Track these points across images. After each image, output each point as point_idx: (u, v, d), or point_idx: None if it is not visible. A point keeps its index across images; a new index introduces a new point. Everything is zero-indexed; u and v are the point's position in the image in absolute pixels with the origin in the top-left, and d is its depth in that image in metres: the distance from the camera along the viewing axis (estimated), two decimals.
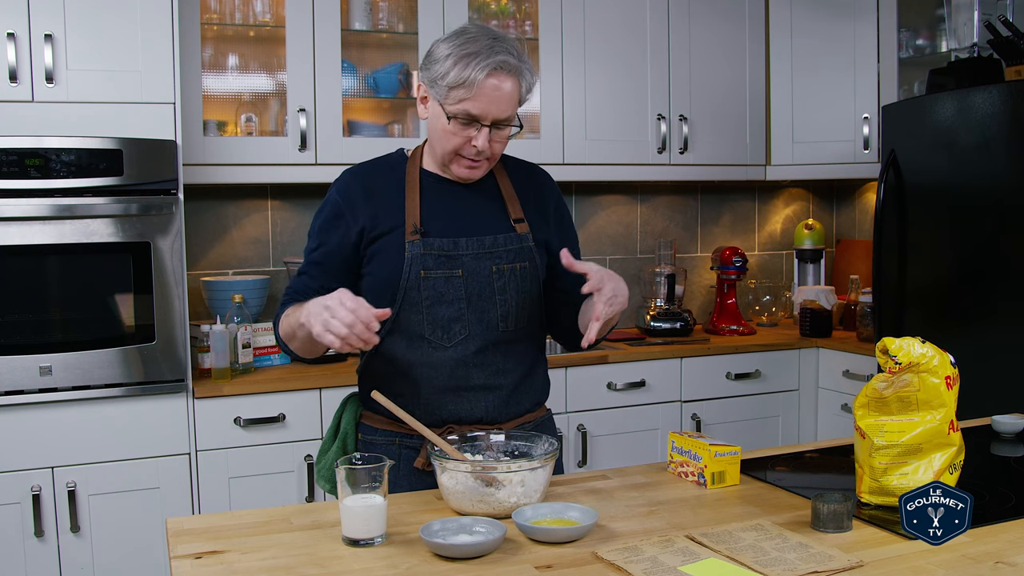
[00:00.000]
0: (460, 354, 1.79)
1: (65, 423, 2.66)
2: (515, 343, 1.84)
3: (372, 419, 1.88)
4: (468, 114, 1.71)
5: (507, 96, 1.72)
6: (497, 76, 1.69)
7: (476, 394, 1.80)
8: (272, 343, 3.14)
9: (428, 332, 1.78)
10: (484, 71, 1.68)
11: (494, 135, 1.75)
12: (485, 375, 1.81)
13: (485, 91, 1.69)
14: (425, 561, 1.35)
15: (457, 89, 1.69)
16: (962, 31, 3.37)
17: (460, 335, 1.79)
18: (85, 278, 2.68)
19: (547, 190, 1.95)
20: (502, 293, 1.80)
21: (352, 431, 1.90)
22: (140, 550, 2.74)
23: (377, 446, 1.84)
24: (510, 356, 1.83)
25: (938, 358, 1.54)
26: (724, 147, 3.81)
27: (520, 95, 1.75)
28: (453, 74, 1.69)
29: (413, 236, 1.77)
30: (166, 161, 2.73)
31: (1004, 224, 2.88)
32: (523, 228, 1.85)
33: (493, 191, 1.87)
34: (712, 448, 1.70)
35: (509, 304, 1.81)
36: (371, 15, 3.34)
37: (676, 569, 1.29)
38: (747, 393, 3.60)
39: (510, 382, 1.83)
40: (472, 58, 1.68)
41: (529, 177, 1.94)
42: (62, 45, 2.65)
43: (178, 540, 1.44)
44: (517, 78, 1.73)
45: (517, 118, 1.78)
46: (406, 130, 3.46)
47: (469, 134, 1.73)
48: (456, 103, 1.71)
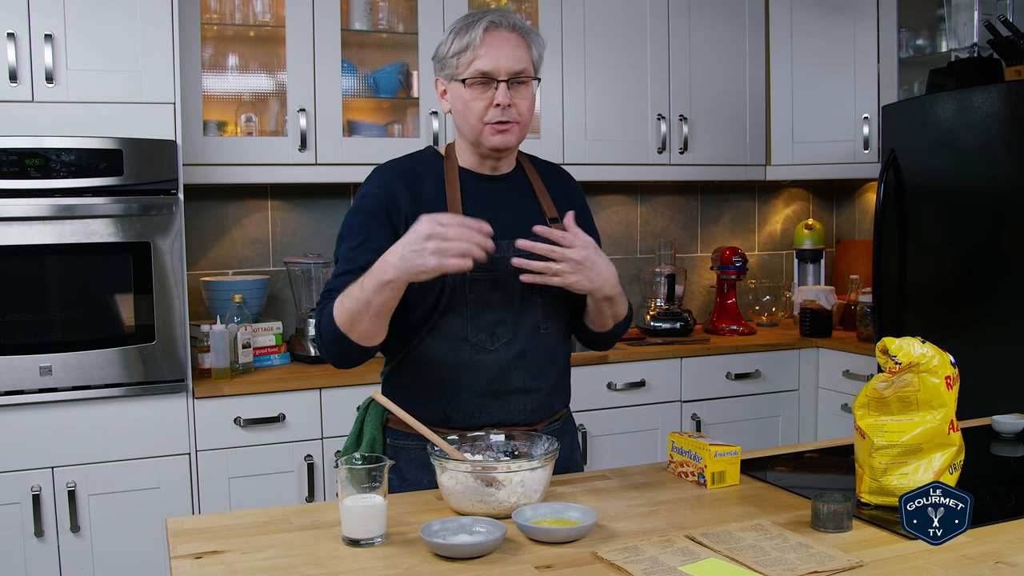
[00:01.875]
0: (503, 357, 1.76)
1: (65, 423, 2.66)
2: (553, 346, 1.83)
3: (401, 424, 1.80)
4: (480, 72, 1.72)
5: (512, 46, 1.73)
6: (496, 30, 1.72)
7: (515, 398, 1.78)
8: (272, 343, 3.14)
9: (472, 335, 1.75)
10: (482, 27, 1.72)
11: (515, 92, 1.74)
12: (525, 379, 1.79)
13: (489, 44, 1.71)
14: (425, 561, 1.35)
15: (464, 54, 1.72)
16: (962, 31, 3.37)
17: (503, 338, 1.77)
18: (85, 278, 2.68)
19: (574, 192, 1.96)
20: (544, 295, 1.79)
21: (380, 436, 1.83)
22: (140, 550, 2.74)
23: (408, 451, 1.80)
24: (548, 358, 1.82)
25: (938, 358, 1.54)
26: (724, 147, 3.81)
27: (529, 51, 1.76)
28: (455, 43, 1.73)
29: None
30: (166, 161, 2.73)
31: (1004, 224, 2.88)
32: (558, 228, 1.83)
33: (527, 190, 1.87)
34: (712, 448, 1.69)
35: (550, 306, 1.81)
36: (371, 15, 3.34)
37: (676, 569, 1.29)
38: (747, 393, 3.60)
39: (547, 384, 1.82)
40: (469, 24, 1.73)
41: (556, 177, 1.95)
42: (62, 45, 2.66)
43: (178, 540, 1.44)
44: (520, 34, 1.75)
45: (533, 69, 1.77)
46: (406, 130, 3.46)
47: (488, 95, 1.73)
48: (467, 67, 1.73)
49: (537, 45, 1.78)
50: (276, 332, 3.17)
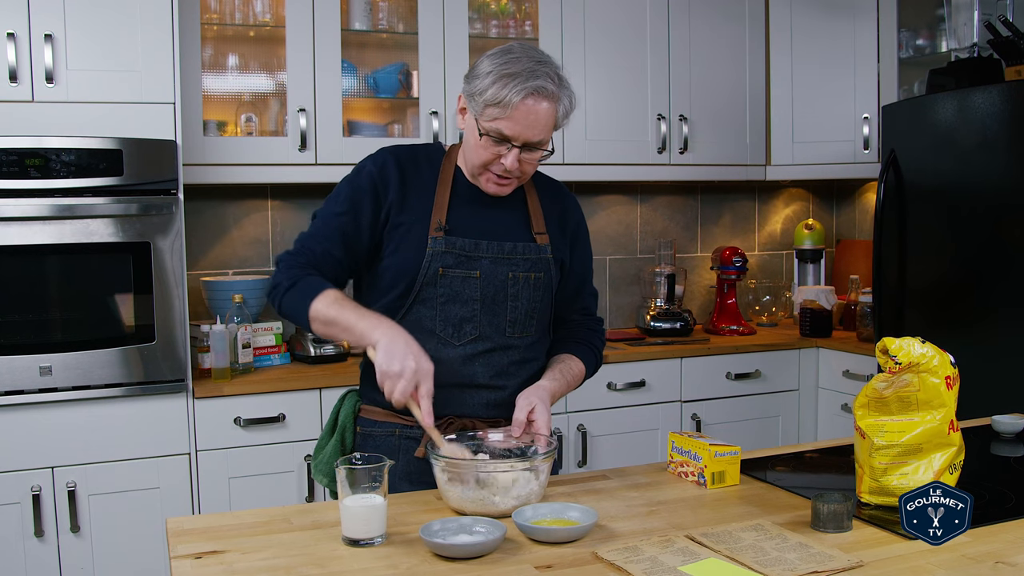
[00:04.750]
0: (468, 353, 1.81)
1: (65, 423, 2.66)
2: (521, 348, 1.86)
3: (371, 412, 1.89)
4: (500, 133, 1.73)
5: (541, 120, 1.73)
6: (534, 99, 1.70)
7: (478, 391, 1.83)
8: (272, 343, 3.14)
9: (439, 329, 1.80)
10: (521, 94, 1.69)
11: (524, 157, 1.76)
12: (488, 376, 1.83)
13: (520, 113, 1.70)
14: (425, 561, 1.35)
15: (493, 107, 1.71)
16: (962, 31, 3.37)
17: (470, 335, 1.81)
18: (85, 278, 2.68)
19: (571, 210, 1.99)
20: (514, 299, 1.83)
21: (351, 424, 1.91)
22: (140, 550, 2.74)
23: (376, 438, 1.86)
24: (515, 360, 1.86)
25: (938, 358, 1.54)
26: (724, 147, 3.81)
27: (556, 120, 1.77)
28: (491, 92, 1.70)
29: (437, 232, 1.80)
30: (166, 161, 2.73)
31: (1004, 224, 2.88)
32: (543, 240, 1.88)
33: (520, 203, 1.91)
34: (712, 448, 1.69)
35: (519, 311, 1.84)
36: (371, 15, 3.34)
37: (676, 569, 1.29)
38: (747, 393, 3.60)
39: (513, 384, 1.85)
40: (511, 79, 1.69)
41: (555, 194, 1.97)
42: (62, 45, 2.65)
43: (178, 540, 1.44)
44: (554, 104, 1.74)
45: (551, 143, 1.79)
46: (406, 130, 3.46)
47: (499, 152, 1.75)
48: (490, 120, 1.72)
49: (565, 107, 1.77)
50: (276, 332, 3.17)
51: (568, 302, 1.97)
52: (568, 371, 1.88)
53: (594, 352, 1.97)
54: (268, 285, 1.83)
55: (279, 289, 1.79)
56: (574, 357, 1.92)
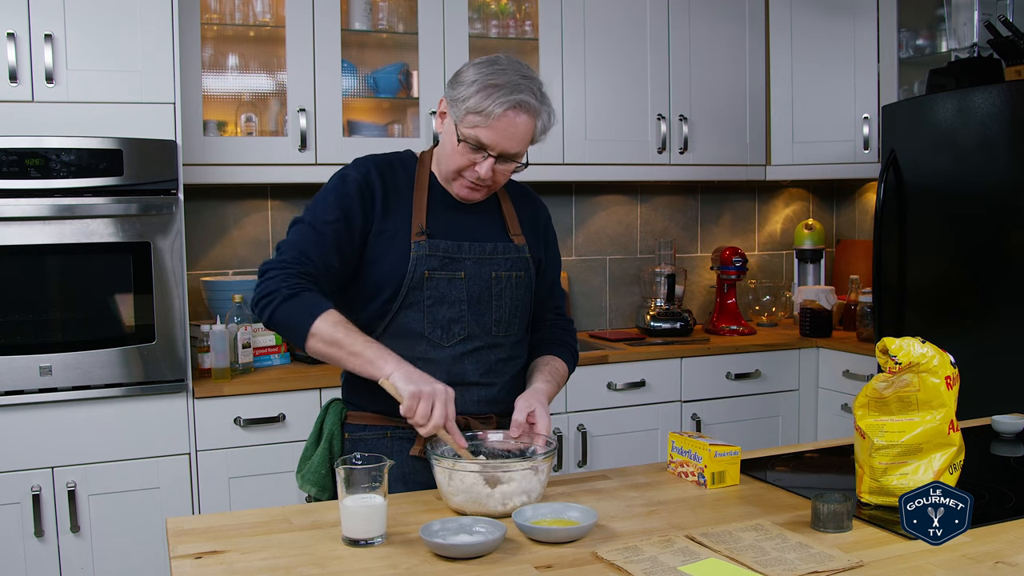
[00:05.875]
0: (457, 352, 1.84)
1: (65, 423, 2.66)
2: (507, 347, 1.89)
3: (359, 417, 1.88)
4: (478, 141, 1.75)
5: (520, 134, 1.76)
6: (515, 112, 1.73)
7: (470, 389, 1.84)
8: (272, 343, 3.14)
9: (428, 331, 1.82)
10: (503, 106, 1.72)
11: (498, 167, 1.79)
12: (479, 373, 1.85)
13: (500, 124, 1.73)
14: (425, 561, 1.35)
15: (474, 115, 1.73)
16: (962, 31, 3.37)
17: (459, 335, 1.84)
18: (85, 278, 2.68)
19: (540, 213, 2.04)
20: (499, 299, 1.87)
21: (338, 432, 1.90)
22: (140, 550, 2.74)
23: (367, 442, 1.86)
24: (502, 357, 1.89)
25: (938, 358, 1.54)
26: (724, 147, 3.81)
27: (534, 135, 1.80)
28: (474, 100, 1.72)
29: (419, 237, 1.82)
30: (166, 161, 2.73)
31: (1004, 224, 2.88)
32: (520, 240, 1.93)
33: (494, 207, 1.95)
34: (712, 448, 1.70)
35: (503, 310, 1.88)
36: (371, 15, 3.34)
37: (676, 569, 1.29)
38: (747, 393, 3.60)
39: (503, 380, 1.88)
40: (495, 90, 1.72)
41: (525, 198, 2.02)
42: (62, 45, 2.65)
43: (178, 540, 1.44)
44: (534, 118, 1.77)
45: (525, 156, 1.82)
46: (406, 130, 3.46)
47: (475, 159, 1.78)
48: (470, 128, 1.75)
49: (544, 123, 1.79)
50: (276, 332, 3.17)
51: (543, 301, 2.02)
52: (556, 372, 1.92)
53: (572, 352, 2.02)
54: (258, 292, 1.75)
55: (275, 297, 1.72)
56: (557, 358, 1.96)
